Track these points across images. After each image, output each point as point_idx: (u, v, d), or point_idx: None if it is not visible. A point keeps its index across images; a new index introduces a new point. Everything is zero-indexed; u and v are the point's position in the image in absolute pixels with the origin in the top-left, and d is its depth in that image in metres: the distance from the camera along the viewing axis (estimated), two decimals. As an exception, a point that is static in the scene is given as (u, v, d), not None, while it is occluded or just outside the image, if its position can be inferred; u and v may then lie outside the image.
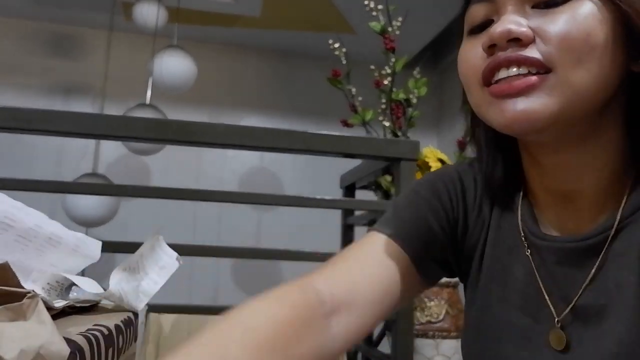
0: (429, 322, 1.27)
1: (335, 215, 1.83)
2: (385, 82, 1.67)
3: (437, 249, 0.65)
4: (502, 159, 0.64)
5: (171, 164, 3.58)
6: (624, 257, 0.54)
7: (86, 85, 3.68)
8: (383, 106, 1.68)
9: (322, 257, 1.47)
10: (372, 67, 1.71)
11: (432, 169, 1.50)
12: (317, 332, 0.52)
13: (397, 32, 1.69)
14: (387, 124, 1.66)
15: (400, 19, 1.70)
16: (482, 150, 0.65)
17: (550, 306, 0.58)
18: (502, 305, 0.62)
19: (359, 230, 1.83)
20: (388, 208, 0.69)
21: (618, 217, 0.55)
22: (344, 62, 1.74)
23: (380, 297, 0.59)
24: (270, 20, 3.61)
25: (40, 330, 0.31)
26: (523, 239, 0.61)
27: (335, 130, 1.34)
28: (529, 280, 0.60)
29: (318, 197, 1.35)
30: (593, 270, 0.55)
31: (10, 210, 0.45)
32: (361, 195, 1.82)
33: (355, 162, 1.68)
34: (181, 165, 3.64)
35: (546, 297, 0.58)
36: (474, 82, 0.55)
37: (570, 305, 0.56)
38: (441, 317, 1.29)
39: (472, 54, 0.55)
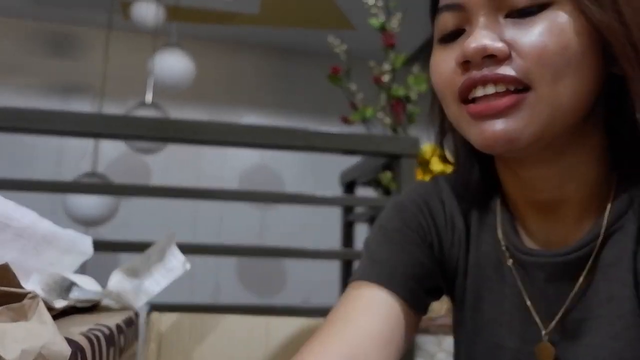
0: (430, 318, 1.27)
1: (338, 214, 1.82)
2: (385, 78, 1.67)
3: (427, 279, 0.61)
4: (478, 163, 0.62)
5: (171, 163, 3.58)
6: (614, 268, 0.52)
7: (85, 85, 3.68)
8: (383, 103, 1.68)
9: (323, 255, 1.48)
10: (372, 63, 1.71)
11: (432, 166, 1.50)
12: None
13: (397, 29, 1.69)
14: (387, 120, 1.65)
15: (399, 15, 1.70)
16: (458, 154, 0.63)
17: (538, 322, 0.56)
18: (492, 326, 0.60)
19: (359, 227, 1.83)
20: (362, 253, 0.64)
21: (604, 226, 0.53)
22: (344, 59, 1.73)
23: (383, 351, 0.54)
24: (269, 18, 3.61)
25: (41, 330, 0.31)
26: (504, 249, 0.59)
27: (336, 128, 1.35)
28: (516, 297, 0.58)
29: (318, 194, 1.35)
30: (581, 283, 0.54)
31: (5, 209, 0.45)
32: (362, 192, 1.82)
33: (356, 160, 1.68)
34: (181, 164, 3.64)
35: (533, 313, 0.57)
36: (450, 98, 0.53)
37: (558, 319, 0.55)
38: (442, 312, 1.29)
39: (445, 66, 0.53)
